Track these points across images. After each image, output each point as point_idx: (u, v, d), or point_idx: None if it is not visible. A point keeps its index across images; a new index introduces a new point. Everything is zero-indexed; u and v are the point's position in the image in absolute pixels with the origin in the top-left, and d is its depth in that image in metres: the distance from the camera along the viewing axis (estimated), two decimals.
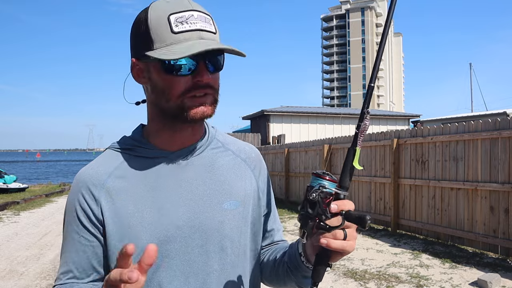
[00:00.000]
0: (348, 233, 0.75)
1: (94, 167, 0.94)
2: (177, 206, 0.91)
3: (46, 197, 14.98)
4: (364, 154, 8.85)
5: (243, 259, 0.97)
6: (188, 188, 0.93)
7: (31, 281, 5.27)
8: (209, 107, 0.88)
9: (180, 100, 0.86)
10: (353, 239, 0.76)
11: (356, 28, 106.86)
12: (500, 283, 4.66)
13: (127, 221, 0.88)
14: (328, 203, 0.74)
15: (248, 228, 0.98)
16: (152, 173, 0.92)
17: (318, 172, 0.75)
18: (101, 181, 0.91)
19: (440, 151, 6.77)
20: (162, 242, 0.88)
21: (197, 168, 0.95)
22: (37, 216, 10.60)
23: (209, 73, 0.86)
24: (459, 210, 6.41)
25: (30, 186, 19.24)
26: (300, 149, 11.88)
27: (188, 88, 0.86)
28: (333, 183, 0.75)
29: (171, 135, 0.94)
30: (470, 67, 39.35)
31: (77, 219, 0.91)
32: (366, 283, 4.95)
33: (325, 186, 0.73)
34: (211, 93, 0.88)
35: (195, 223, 0.91)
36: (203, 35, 0.84)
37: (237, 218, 0.96)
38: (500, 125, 5.73)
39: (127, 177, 0.92)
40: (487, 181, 5.89)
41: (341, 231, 0.74)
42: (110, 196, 0.90)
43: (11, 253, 6.75)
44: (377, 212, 8.43)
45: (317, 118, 21.74)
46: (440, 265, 5.55)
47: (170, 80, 0.86)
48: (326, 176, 0.74)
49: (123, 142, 0.97)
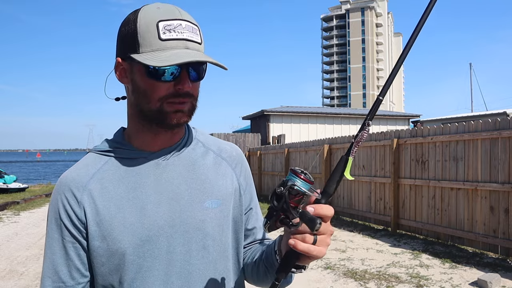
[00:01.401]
0: (320, 239, 0.74)
1: (76, 170, 0.96)
2: (158, 205, 0.92)
3: (46, 197, 14.98)
4: (364, 154, 8.85)
5: (225, 258, 0.99)
6: (169, 188, 0.94)
7: (31, 281, 5.27)
8: (185, 114, 0.91)
9: (159, 104, 0.88)
10: (323, 245, 0.74)
11: (356, 28, 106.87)
12: (500, 283, 4.67)
13: (109, 222, 0.89)
14: (298, 201, 0.73)
15: (229, 226, 1.00)
16: (133, 173, 0.94)
17: (295, 169, 0.74)
18: (83, 183, 0.92)
19: (440, 151, 6.77)
20: (144, 242, 0.89)
21: (178, 168, 0.96)
22: (37, 216, 10.61)
23: (190, 81, 0.89)
24: (459, 210, 6.41)
25: (30, 186, 19.25)
26: (300, 149, 11.88)
27: (168, 94, 0.88)
28: (307, 184, 0.73)
29: (151, 137, 0.96)
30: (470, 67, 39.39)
31: (61, 222, 0.91)
32: (366, 283, 4.95)
33: (296, 184, 0.72)
34: (190, 100, 0.91)
35: (177, 222, 0.92)
36: (188, 45, 0.87)
37: (219, 217, 0.97)
38: (500, 125, 5.73)
39: (108, 179, 0.93)
40: (487, 181, 5.89)
41: (311, 236, 0.73)
42: (92, 198, 0.91)
43: (11, 253, 6.75)
44: (377, 212, 8.44)
45: (317, 118, 21.73)
46: (440, 265, 5.55)
47: (152, 85, 0.88)
48: (301, 174, 0.73)
49: (104, 145, 0.99)
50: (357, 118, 21.59)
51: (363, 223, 8.85)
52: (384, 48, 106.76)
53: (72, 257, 0.91)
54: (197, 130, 1.08)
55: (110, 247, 0.89)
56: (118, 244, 0.89)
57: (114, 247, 0.89)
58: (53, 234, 0.92)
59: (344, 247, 6.82)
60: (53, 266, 0.91)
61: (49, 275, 0.91)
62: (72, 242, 0.91)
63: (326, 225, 0.74)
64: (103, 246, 0.89)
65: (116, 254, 0.89)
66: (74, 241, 0.91)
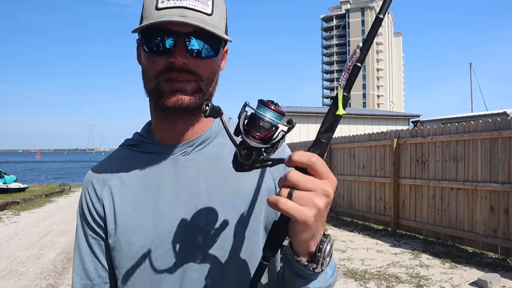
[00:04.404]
0: (298, 195, 0.56)
1: (102, 164, 0.93)
2: (174, 206, 0.83)
3: (46, 197, 14.97)
4: (364, 154, 8.85)
5: (251, 272, 0.82)
6: (187, 187, 0.84)
7: (31, 281, 5.27)
8: (187, 96, 0.79)
9: (156, 82, 0.80)
10: (306, 205, 0.56)
11: (356, 28, 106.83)
12: (500, 283, 4.66)
13: (125, 221, 0.84)
14: (255, 128, 0.62)
15: (259, 234, 0.85)
16: (152, 170, 0.87)
17: (264, 100, 0.64)
18: (105, 179, 0.89)
19: (440, 151, 6.77)
20: (157, 246, 0.82)
21: (199, 164, 0.86)
22: (37, 216, 10.60)
23: (191, 56, 0.78)
24: (459, 210, 6.41)
25: (30, 186, 19.22)
26: (300, 149, 11.86)
27: (162, 70, 0.78)
28: (279, 115, 0.63)
29: (166, 128, 0.87)
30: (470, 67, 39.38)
31: (84, 217, 0.90)
32: (366, 283, 4.95)
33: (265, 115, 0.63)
34: (193, 79, 0.79)
35: (193, 226, 0.82)
36: (186, 13, 0.76)
37: (244, 221, 0.83)
38: (500, 125, 5.73)
39: (128, 175, 0.88)
40: (487, 181, 5.89)
41: (285, 189, 0.57)
42: (111, 194, 0.87)
43: (11, 253, 6.74)
44: (377, 212, 8.43)
45: (317, 118, 21.72)
46: (440, 265, 5.55)
47: (148, 59, 0.80)
48: (272, 105, 0.63)
49: (131, 139, 0.94)
50: (357, 118, 21.58)
51: (363, 223, 8.85)
52: (384, 48, 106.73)
53: (97, 254, 0.88)
54: (233, 121, 0.92)
55: (123, 248, 0.83)
56: (130, 246, 0.82)
57: (126, 249, 0.83)
58: (79, 229, 0.90)
59: (344, 247, 6.82)
60: (81, 262, 0.89)
61: (77, 271, 0.89)
62: (96, 239, 0.88)
63: (310, 179, 0.57)
64: (117, 246, 0.84)
65: (128, 257, 0.83)
66: (98, 238, 0.88)
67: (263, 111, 0.63)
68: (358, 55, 0.60)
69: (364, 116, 21.05)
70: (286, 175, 0.57)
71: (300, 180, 0.56)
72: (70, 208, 12.02)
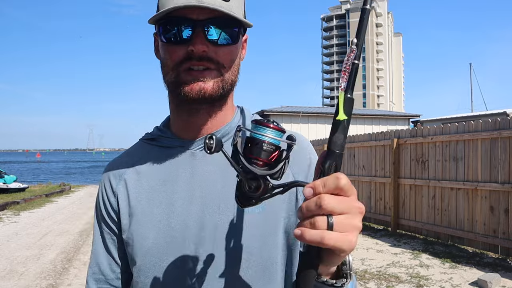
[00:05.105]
0: (338, 221, 0.49)
1: (120, 158, 0.92)
2: (189, 203, 0.80)
3: (46, 197, 14.97)
4: (364, 154, 8.85)
5: (267, 279, 0.78)
6: (203, 184, 0.81)
7: (31, 281, 5.27)
8: (209, 84, 0.76)
9: (175, 73, 0.77)
10: (348, 230, 0.50)
11: (356, 28, 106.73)
12: (500, 283, 4.66)
13: (139, 216, 0.82)
14: (257, 152, 0.55)
15: (278, 238, 0.80)
16: (168, 165, 0.84)
17: (259, 119, 0.57)
18: (121, 173, 0.87)
19: (440, 151, 6.77)
20: (168, 243, 0.79)
21: (217, 160, 0.80)
22: (37, 216, 10.60)
23: (210, 43, 0.75)
24: (459, 210, 6.41)
25: (30, 186, 19.24)
26: None
27: (182, 59, 0.75)
28: (279, 132, 0.56)
29: (184, 121, 0.84)
30: (470, 67, 39.32)
31: (100, 212, 0.89)
32: (366, 283, 4.95)
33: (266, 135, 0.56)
34: (214, 67, 0.76)
35: (207, 225, 0.78)
36: (203, 0, 0.72)
37: (261, 225, 0.78)
38: (500, 125, 5.73)
39: (145, 169, 0.86)
40: (487, 181, 5.89)
41: (323, 217, 0.49)
42: (127, 189, 0.85)
43: (11, 253, 6.75)
44: (377, 212, 8.44)
45: (317, 118, 21.73)
46: (440, 265, 5.55)
47: (166, 49, 0.78)
48: (270, 123, 0.56)
49: (150, 133, 0.92)
50: (357, 118, 21.58)
51: (363, 223, 8.79)
52: (384, 48, 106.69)
53: (111, 249, 0.87)
54: (255, 115, 0.89)
55: (135, 243, 0.81)
56: (142, 241, 0.80)
57: (138, 244, 0.81)
58: (96, 224, 0.90)
59: None
60: (95, 257, 0.89)
61: (92, 265, 0.89)
62: (110, 234, 0.87)
63: (343, 200, 0.50)
64: (130, 241, 0.82)
65: (140, 252, 0.81)
66: (112, 233, 0.86)
67: (263, 132, 0.56)
68: (355, 52, 0.56)
69: (364, 116, 21.04)
70: (319, 203, 0.49)
71: (337, 205, 0.49)
72: (70, 208, 12.03)
